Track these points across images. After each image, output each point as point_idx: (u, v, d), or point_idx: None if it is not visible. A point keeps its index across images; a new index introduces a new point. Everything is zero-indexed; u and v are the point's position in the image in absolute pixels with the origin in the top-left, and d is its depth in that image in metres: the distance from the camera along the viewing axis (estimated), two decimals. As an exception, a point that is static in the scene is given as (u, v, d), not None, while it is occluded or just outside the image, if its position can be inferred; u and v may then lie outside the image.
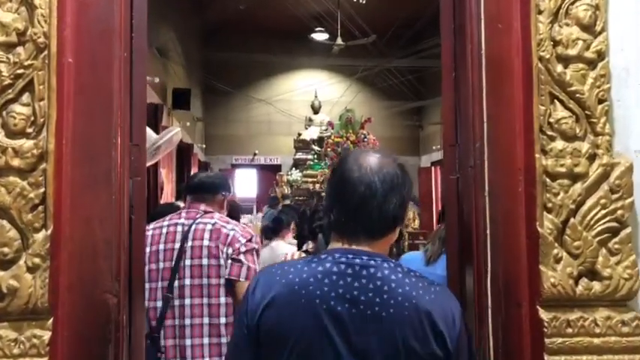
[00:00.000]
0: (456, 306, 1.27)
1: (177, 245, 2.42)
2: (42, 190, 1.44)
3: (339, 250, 1.26)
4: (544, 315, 1.56)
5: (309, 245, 3.44)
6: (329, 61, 12.71)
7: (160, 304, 2.37)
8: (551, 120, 1.59)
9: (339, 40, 10.13)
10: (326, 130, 12.83)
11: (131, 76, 1.68)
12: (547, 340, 1.55)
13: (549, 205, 1.58)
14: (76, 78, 1.50)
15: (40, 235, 1.42)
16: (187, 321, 2.35)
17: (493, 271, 1.61)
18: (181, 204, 5.31)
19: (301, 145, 12.80)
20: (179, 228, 2.47)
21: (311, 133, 12.78)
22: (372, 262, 1.22)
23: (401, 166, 1.32)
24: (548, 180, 1.58)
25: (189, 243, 2.42)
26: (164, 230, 2.48)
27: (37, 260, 1.41)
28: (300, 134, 13.08)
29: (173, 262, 2.39)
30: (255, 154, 14.51)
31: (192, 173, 9.17)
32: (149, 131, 4.85)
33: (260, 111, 14.07)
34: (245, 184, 15.18)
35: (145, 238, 2.24)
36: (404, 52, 10.79)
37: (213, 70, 12.67)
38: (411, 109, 13.77)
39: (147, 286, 2.26)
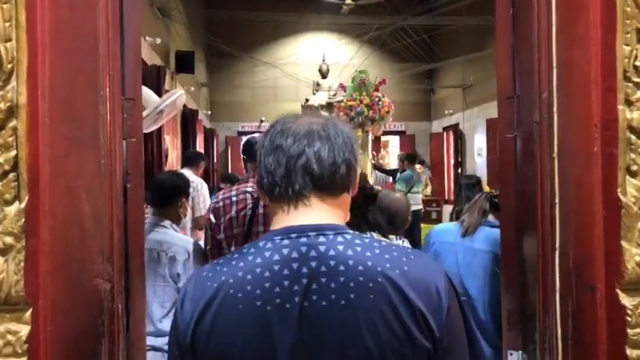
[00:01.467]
0: (440, 277, 0.97)
1: (249, 212, 2.44)
2: (13, 153, 1.16)
3: (280, 230, 0.99)
4: (626, 301, 1.28)
5: None
6: (338, 21, 12.24)
7: None
8: (638, 63, 1.29)
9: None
10: (335, 95, 12.48)
11: (121, 13, 1.38)
12: (630, 331, 1.28)
13: (634, 168, 1.29)
14: (51, 13, 1.20)
15: (12, 209, 1.15)
16: None
17: (562, 247, 1.34)
18: (186, 172, 5.09)
19: (309, 111, 12.47)
20: (248, 196, 2.49)
21: (319, 99, 12.41)
22: (322, 238, 0.96)
23: (340, 120, 1.10)
24: (633, 137, 1.29)
25: (260, 210, 2.42)
26: (234, 199, 2.50)
27: (9, 240, 1.15)
28: (307, 100, 12.70)
29: (245, 228, 2.42)
30: (261, 121, 14.18)
31: (197, 139, 8.90)
32: (151, 94, 4.55)
33: (266, 75, 13.67)
34: (252, 152, 14.87)
35: (216, 209, 2.46)
36: (417, 10, 10.29)
37: (217, 32, 12.23)
38: (422, 73, 13.32)
39: (227, 251, 2.37)
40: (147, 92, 4.51)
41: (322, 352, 0.91)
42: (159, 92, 4.90)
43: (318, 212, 0.99)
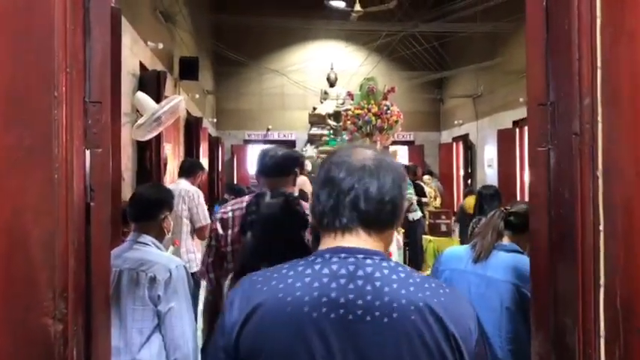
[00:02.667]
0: (471, 310, 1.09)
1: None
2: (-60, 165, 0.95)
3: (330, 249, 1.07)
4: (688, 351, 1.05)
5: None
6: (346, 28, 12.08)
7: None
8: (701, 63, 1.06)
9: (358, 6, 9.49)
10: (343, 103, 12.28)
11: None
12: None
13: (697, 189, 1.06)
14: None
15: (-63, 235, 0.94)
16: None
17: (608, 283, 1.11)
18: (183, 182, 4.88)
19: (316, 119, 12.27)
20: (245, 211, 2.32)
21: (327, 108, 12.23)
22: (369, 260, 1.05)
23: (393, 158, 1.17)
24: (695, 152, 1.06)
25: None
26: (245, 211, 2.29)
27: None
28: (315, 108, 12.54)
29: None
30: (268, 130, 14.00)
31: (200, 148, 8.72)
32: (148, 100, 4.36)
33: (273, 83, 13.50)
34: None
35: (225, 219, 2.28)
36: (427, 17, 10.06)
37: (224, 39, 12.08)
38: (431, 82, 13.09)
39: (231, 266, 2.24)
40: (144, 98, 4.33)
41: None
42: (159, 98, 4.71)
43: (364, 241, 1.07)
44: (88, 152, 1.22)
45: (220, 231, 2.31)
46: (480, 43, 10.69)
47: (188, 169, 4.82)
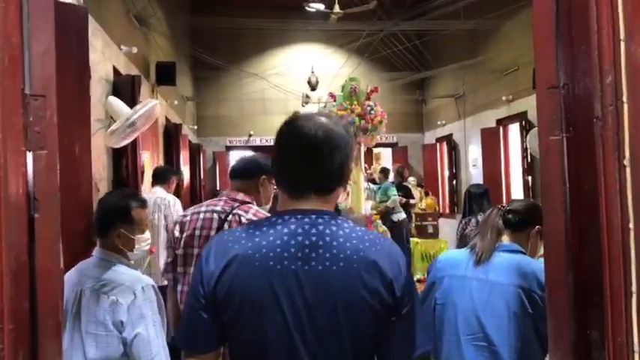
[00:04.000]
0: (401, 255, 1.29)
1: (212, 233, 2.42)
2: None
3: (288, 211, 1.28)
4: None
5: None
6: (326, 28, 11.93)
7: None
8: None
9: (337, 8, 9.35)
10: (325, 107, 12.13)
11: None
12: None
13: None
14: None
15: None
16: None
17: (641, 291, 0.95)
18: (158, 189, 4.71)
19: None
20: (215, 216, 2.49)
21: (308, 111, 12.09)
22: (320, 219, 1.26)
23: (345, 127, 1.33)
24: None
25: None
26: (201, 215, 2.50)
27: None
28: (296, 112, 12.33)
29: None
30: (250, 135, 13.79)
31: (180, 155, 8.50)
32: (121, 105, 4.15)
33: (253, 87, 13.28)
34: (240, 167, 14.46)
35: (182, 222, 2.51)
36: (407, 15, 9.91)
37: (202, 44, 11.84)
38: (413, 83, 12.96)
39: (181, 270, 2.46)
40: (116, 103, 4.12)
41: (316, 303, 1.19)
42: (134, 104, 4.50)
43: (316, 202, 1.28)
44: (30, 155, 1.04)
45: (177, 234, 2.48)
46: (462, 41, 10.61)
47: (161, 176, 4.69)
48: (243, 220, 2.44)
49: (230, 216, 2.45)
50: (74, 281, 2.05)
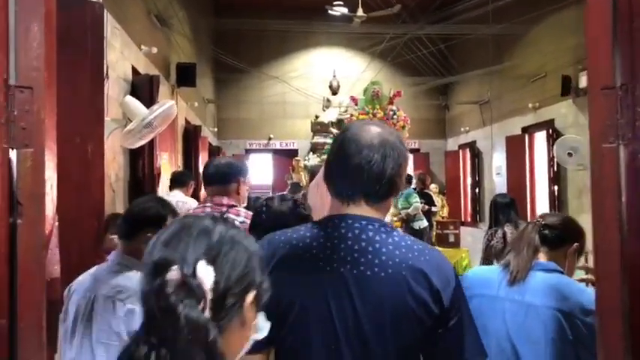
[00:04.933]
0: (450, 267, 1.28)
1: None
2: None
3: (338, 215, 1.29)
4: None
5: None
6: (348, 34, 11.83)
7: None
8: None
9: (360, 12, 9.22)
10: (345, 111, 12.00)
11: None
12: None
13: None
14: None
15: None
16: None
17: None
18: (177, 193, 4.67)
19: (319, 128, 11.99)
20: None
21: (329, 116, 11.95)
22: (370, 226, 1.26)
23: (399, 137, 1.33)
24: None
25: None
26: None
27: None
28: (317, 116, 12.25)
29: None
30: (270, 139, 13.73)
31: (199, 157, 8.44)
32: (137, 104, 4.08)
33: (274, 90, 13.23)
34: (260, 170, 14.44)
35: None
36: (432, 19, 9.73)
37: (224, 46, 11.83)
38: (436, 88, 12.77)
39: None
40: (133, 103, 4.05)
41: (364, 309, 1.20)
42: (152, 104, 4.43)
43: (366, 209, 1.28)
44: (13, 153, 0.93)
45: None
46: (487, 46, 10.40)
47: (180, 180, 4.71)
48: (237, 223, 2.40)
49: None
50: (87, 286, 1.96)
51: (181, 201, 4.53)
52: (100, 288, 1.91)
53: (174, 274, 0.82)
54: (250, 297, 0.90)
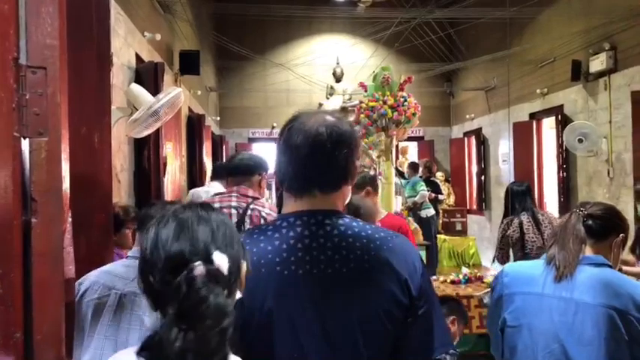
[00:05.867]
0: (416, 252, 1.25)
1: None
2: None
3: (293, 213, 1.24)
4: None
5: None
6: (353, 20, 11.63)
7: None
8: None
9: (365, -4, 9.05)
10: (350, 99, 11.85)
11: None
12: None
13: None
14: None
15: None
16: None
17: None
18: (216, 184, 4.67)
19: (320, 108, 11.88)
20: (233, 211, 2.58)
21: (333, 103, 11.83)
22: (328, 220, 1.22)
23: (350, 124, 1.29)
24: None
25: (248, 226, 2.47)
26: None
27: None
28: (321, 104, 12.12)
29: None
30: (273, 127, 13.58)
31: (203, 146, 8.32)
32: (143, 92, 3.95)
33: (278, 78, 13.04)
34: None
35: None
36: (437, 4, 9.53)
37: (227, 32, 11.62)
38: (440, 75, 12.56)
39: None
40: (138, 90, 3.92)
41: (328, 312, 1.15)
42: (157, 92, 4.30)
43: (321, 201, 1.24)
44: (25, 142, 0.81)
45: None
46: (494, 32, 10.21)
47: (219, 172, 5.10)
48: (264, 214, 2.56)
49: (249, 211, 2.56)
50: (105, 284, 1.86)
51: (219, 191, 4.61)
52: (127, 286, 1.82)
53: (200, 269, 0.88)
54: (243, 269, 1.02)
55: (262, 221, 2.57)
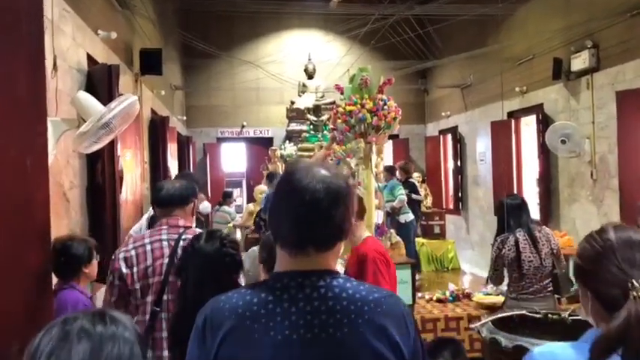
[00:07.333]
0: (406, 310, 1.25)
1: (165, 260, 2.51)
2: None
3: (287, 273, 1.24)
4: None
5: None
6: (325, 16, 11.22)
7: (147, 317, 2.46)
8: None
9: (337, -8, 8.67)
10: (322, 97, 11.44)
11: None
12: None
13: None
14: None
15: None
16: None
17: None
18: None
19: (295, 114, 11.48)
20: (164, 244, 2.55)
21: (305, 101, 11.42)
22: (322, 281, 1.22)
23: (345, 177, 1.29)
24: None
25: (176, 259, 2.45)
26: (148, 247, 2.55)
27: None
28: (293, 102, 11.71)
29: (162, 277, 2.49)
30: (243, 126, 13.10)
31: (168, 150, 7.81)
32: (93, 101, 3.45)
33: (247, 76, 12.53)
34: (233, 158, 13.86)
35: (128, 258, 2.52)
36: (412, 1, 9.19)
37: (192, 29, 11.08)
38: (415, 72, 12.26)
39: (138, 301, 2.49)
40: (86, 99, 3.41)
41: None
42: (111, 97, 3.82)
43: (316, 260, 1.24)
44: None
45: (124, 270, 2.48)
46: (470, 28, 9.92)
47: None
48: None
49: (181, 242, 2.52)
50: None
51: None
52: None
53: None
54: None
55: None
